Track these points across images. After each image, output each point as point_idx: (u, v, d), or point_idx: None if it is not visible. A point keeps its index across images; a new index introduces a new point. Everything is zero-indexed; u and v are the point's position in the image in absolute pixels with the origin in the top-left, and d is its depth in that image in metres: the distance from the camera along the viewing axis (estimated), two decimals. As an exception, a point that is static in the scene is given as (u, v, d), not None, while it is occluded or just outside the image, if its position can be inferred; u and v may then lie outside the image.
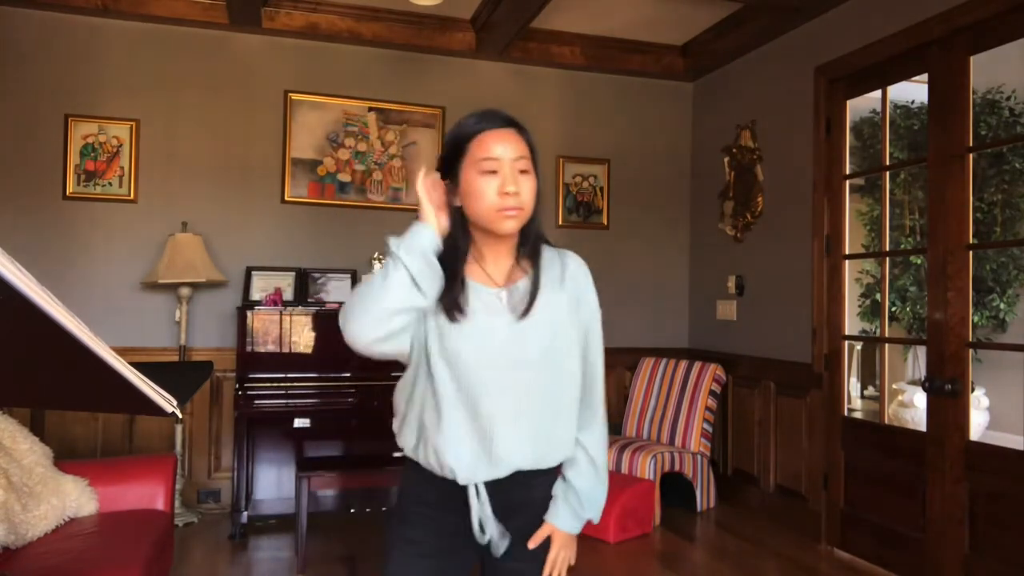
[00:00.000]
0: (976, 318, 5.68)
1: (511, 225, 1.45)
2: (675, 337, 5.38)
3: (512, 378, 1.47)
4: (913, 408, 5.73)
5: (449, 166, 1.49)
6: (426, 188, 1.47)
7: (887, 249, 3.97)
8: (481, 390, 1.45)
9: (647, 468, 4.26)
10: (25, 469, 2.70)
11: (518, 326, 1.47)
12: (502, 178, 1.43)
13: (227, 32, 4.51)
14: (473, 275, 1.50)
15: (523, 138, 1.49)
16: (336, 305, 4.39)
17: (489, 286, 1.50)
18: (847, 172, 4.06)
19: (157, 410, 0.82)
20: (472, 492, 1.48)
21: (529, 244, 1.52)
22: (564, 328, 1.52)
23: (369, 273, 4.52)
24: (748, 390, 4.66)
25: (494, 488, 1.49)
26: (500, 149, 1.44)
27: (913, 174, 6.10)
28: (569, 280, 1.55)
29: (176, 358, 4.28)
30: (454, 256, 1.47)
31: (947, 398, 3.25)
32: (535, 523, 1.56)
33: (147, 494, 3.02)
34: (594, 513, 1.59)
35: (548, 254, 1.56)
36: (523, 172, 1.46)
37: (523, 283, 1.51)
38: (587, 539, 4.00)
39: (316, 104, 4.68)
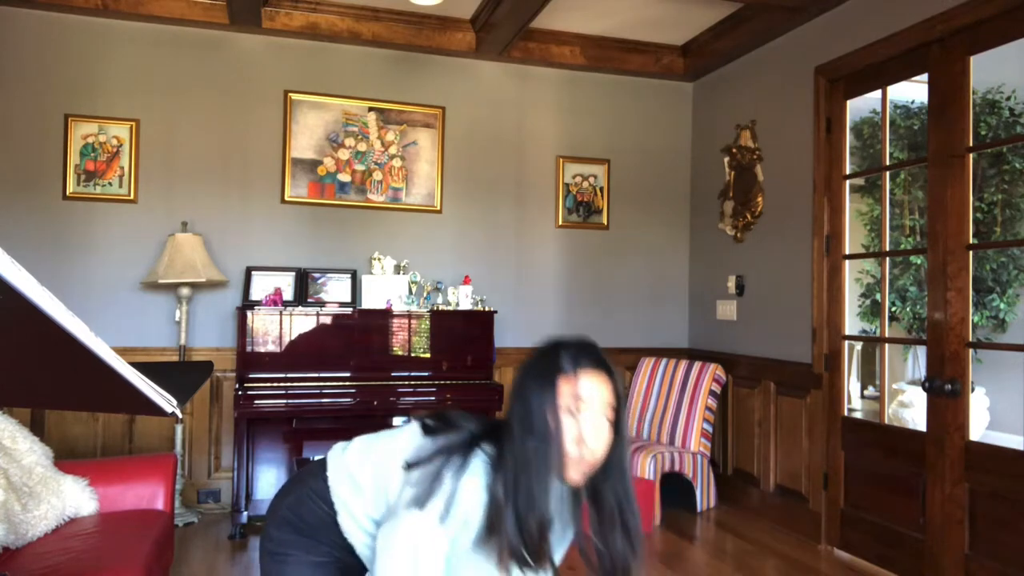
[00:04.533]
0: (976, 318, 5.68)
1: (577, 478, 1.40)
2: (675, 337, 5.38)
3: None
4: (913, 408, 5.73)
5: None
6: None
7: (887, 249, 3.97)
8: None
9: (647, 468, 4.26)
10: (25, 469, 2.70)
11: None
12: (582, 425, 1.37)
13: (227, 32, 4.51)
14: None
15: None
16: (336, 305, 4.39)
17: None
18: (847, 172, 4.06)
19: (157, 410, 0.82)
20: None
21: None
22: None
23: (368, 274, 4.52)
24: (748, 390, 4.66)
25: None
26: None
27: (913, 174, 6.09)
28: None
29: (176, 358, 4.28)
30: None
31: (947, 398, 3.25)
32: None
33: (147, 494, 3.02)
34: None
35: None
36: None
37: None
38: (587, 539, 3.99)
39: (316, 104, 4.68)
